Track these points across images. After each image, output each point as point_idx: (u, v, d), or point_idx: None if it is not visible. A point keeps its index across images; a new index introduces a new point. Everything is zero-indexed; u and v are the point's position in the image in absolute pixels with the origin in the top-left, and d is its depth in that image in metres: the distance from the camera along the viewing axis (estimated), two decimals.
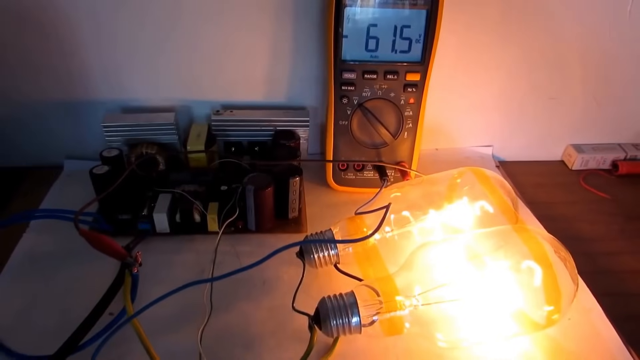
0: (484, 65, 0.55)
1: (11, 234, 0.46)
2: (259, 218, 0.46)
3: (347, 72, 0.47)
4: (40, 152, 0.57)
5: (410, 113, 0.49)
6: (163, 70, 0.52)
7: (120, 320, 0.32)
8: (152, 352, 0.31)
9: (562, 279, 0.35)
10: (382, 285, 0.35)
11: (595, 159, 0.60)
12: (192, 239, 0.46)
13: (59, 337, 0.34)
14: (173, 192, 0.47)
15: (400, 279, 0.36)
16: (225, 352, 0.36)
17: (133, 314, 0.30)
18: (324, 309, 0.34)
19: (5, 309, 0.39)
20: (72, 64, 0.51)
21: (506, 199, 0.41)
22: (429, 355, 0.37)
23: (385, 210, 0.37)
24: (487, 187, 0.42)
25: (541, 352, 0.37)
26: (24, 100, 0.53)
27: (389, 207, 0.37)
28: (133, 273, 0.34)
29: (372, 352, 0.37)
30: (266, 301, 0.41)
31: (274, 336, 0.38)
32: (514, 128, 0.61)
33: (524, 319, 0.36)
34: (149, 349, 0.30)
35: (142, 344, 0.30)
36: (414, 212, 0.43)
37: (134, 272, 0.34)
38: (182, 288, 0.32)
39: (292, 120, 0.53)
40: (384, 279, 0.36)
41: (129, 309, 0.32)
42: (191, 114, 0.55)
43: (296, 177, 0.46)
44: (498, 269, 0.36)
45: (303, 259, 0.41)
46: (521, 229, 0.37)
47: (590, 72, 0.57)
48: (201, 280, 0.35)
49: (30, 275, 0.42)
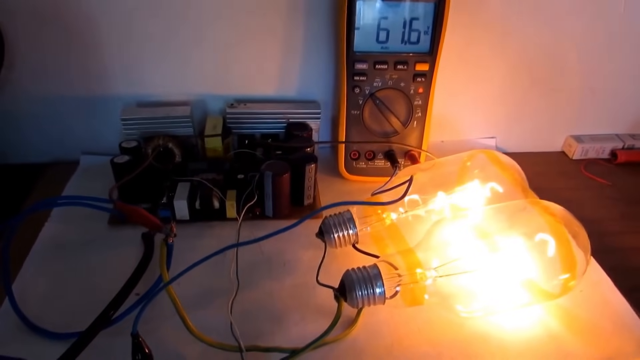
0: (487, 59, 0.58)
1: (33, 224, 0.46)
2: (277, 204, 0.47)
3: (359, 63, 0.49)
4: (56, 148, 0.58)
5: (419, 102, 0.51)
6: (178, 65, 0.54)
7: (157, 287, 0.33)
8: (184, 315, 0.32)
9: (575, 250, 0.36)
10: (403, 257, 0.37)
11: (594, 149, 0.63)
12: (211, 226, 0.48)
13: (86, 317, 0.35)
14: (192, 180, 0.48)
15: (420, 252, 0.38)
16: (254, 326, 0.37)
17: (169, 280, 0.31)
18: (349, 281, 0.36)
19: (32, 292, 0.40)
20: (89, 60, 0.53)
21: (518, 176, 0.43)
22: (449, 325, 0.38)
23: (409, 181, 0.38)
24: (499, 166, 0.44)
25: (556, 321, 0.38)
26: (41, 96, 0.55)
27: (412, 179, 0.39)
28: (168, 243, 0.35)
29: (394, 323, 0.38)
30: (288, 280, 0.42)
31: (298, 311, 0.39)
32: (516, 120, 0.63)
33: (539, 289, 0.37)
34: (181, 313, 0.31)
35: (175, 309, 0.32)
36: (426, 195, 0.45)
37: (169, 242, 0.35)
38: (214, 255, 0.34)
39: (304, 112, 0.55)
40: (405, 251, 0.38)
41: (164, 276, 0.33)
42: (205, 108, 0.57)
43: (312, 164, 0.48)
44: (513, 240, 0.38)
45: (323, 238, 0.42)
46: (535, 202, 0.39)
47: (588, 66, 0.59)
48: (230, 246, 0.36)
49: (54, 261, 0.43)
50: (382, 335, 0.37)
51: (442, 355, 0.35)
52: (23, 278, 0.41)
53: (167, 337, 0.35)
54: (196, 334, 0.32)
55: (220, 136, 0.51)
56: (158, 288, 0.31)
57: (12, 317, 0.37)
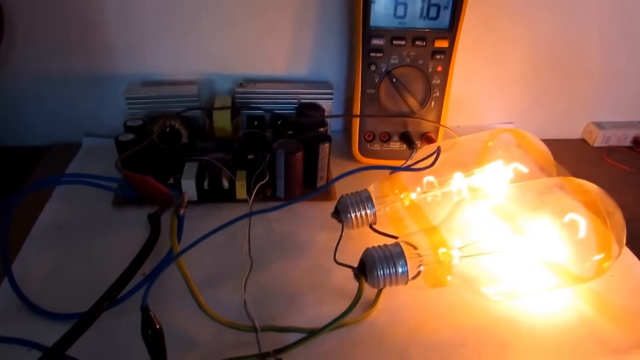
0: (507, 41, 0.55)
1: (34, 203, 0.44)
2: (289, 184, 0.45)
3: (376, 39, 0.47)
4: (57, 130, 0.56)
5: (437, 81, 0.49)
6: (184, 42, 0.52)
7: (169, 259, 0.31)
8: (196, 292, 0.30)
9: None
10: (427, 235, 0.35)
11: (616, 136, 0.60)
12: (220, 207, 0.45)
13: (89, 298, 0.32)
14: (200, 159, 0.46)
15: (443, 231, 0.36)
16: (267, 308, 0.35)
17: (179, 252, 0.29)
18: (369, 259, 0.33)
19: (32, 273, 0.38)
20: (92, 38, 0.51)
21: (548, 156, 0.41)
22: (474, 308, 0.36)
23: (437, 151, 0.36)
24: (526, 146, 0.42)
25: (588, 305, 0.36)
26: (42, 76, 0.53)
27: (440, 149, 0.37)
28: (179, 214, 0.33)
29: (415, 306, 0.36)
30: (302, 262, 0.40)
31: (313, 292, 0.37)
32: (535, 105, 0.61)
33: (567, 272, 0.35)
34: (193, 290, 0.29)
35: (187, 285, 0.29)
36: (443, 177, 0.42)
37: (180, 214, 0.33)
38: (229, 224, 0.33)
39: (316, 92, 0.53)
40: (428, 230, 0.35)
41: (175, 247, 0.31)
42: (213, 88, 0.55)
43: (326, 143, 0.46)
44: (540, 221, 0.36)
45: (339, 218, 0.40)
46: (568, 179, 0.37)
47: (609, 50, 0.57)
48: (243, 216, 0.34)
49: (55, 242, 0.41)
50: (403, 319, 0.35)
51: (468, 340, 0.33)
52: (23, 259, 0.39)
53: (177, 318, 0.33)
54: (208, 312, 0.30)
55: (229, 109, 0.48)
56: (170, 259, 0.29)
57: (12, 298, 0.35)
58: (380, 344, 0.33)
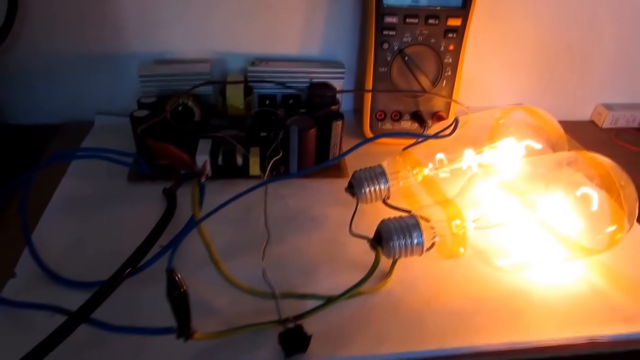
0: (518, 21, 0.55)
1: (50, 178, 0.45)
2: (302, 161, 0.46)
3: (389, 16, 0.47)
4: (69, 108, 0.56)
5: (449, 60, 0.49)
6: (196, 21, 0.52)
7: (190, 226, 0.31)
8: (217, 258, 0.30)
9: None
10: (442, 207, 0.35)
11: (625, 117, 0.61)
12: (234, 183, 0.46)
13: (107, 268, 0.32)
14: (214, 136, 0.46)
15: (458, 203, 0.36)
16: (285, 278, 0.35)
17: (201, 217, 0.30)
18: (385, 230, 0.34)
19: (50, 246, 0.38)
20: (107, 16, 0.51)
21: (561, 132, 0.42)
22: (487, 280, 0.36)
23: (455, 121, 0.36)
24: (539, 121, 0.42)
25: (599, 277, 0.37)
26: (54, 53, 0.53)
27: (458, 120, 0.37)
28: (201, 182, 0.33)
29: (429, 278, 0.36)
30: (317, 235, 0.40)
31: (328, 265, 0.37)
32: (545, 87, 0.61)
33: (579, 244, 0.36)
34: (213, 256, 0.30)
35: (207, 252, 0.30)
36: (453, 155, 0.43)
37: (201, 182, 0.34)
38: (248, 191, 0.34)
39: (327, 71, 0.53)
40: (442, 202, 0.36)
41: (196, 213, 0.31)
42: (225, 67, 0.55)
43: (339, 120, 0.46)
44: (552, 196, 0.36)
45: (353, 192, 0.40)
46: (582, 154, 0.37)
47: (621, 31, 0.57)
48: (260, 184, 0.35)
49: (72, 216, 0.42)
50: (418, 290, 0.35)
51: (484, 308, 0.34)
52: (40, 232, 0.39)
53: (195, 287, 0.33)
54: (229, 278, 0.31)
55: (242, 84, 0.49)
56: (192, 225, 0.30)
57: (33, 266, 0.36)
58: (397, 312, 0.33)
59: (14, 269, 0.36)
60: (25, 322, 0.32)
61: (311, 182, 0.47)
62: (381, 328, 0.32)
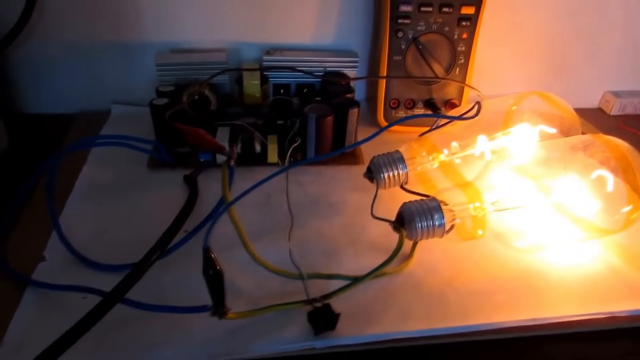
0: (528, 10, 0.56)
1: (71, 166, 0.46)
2: (319, 148, 0.47)
3: (404, 5, 0.48)
4: (85, 98, 0.57)
5: (463, 48, 0.50)
6: (212, 11, 0.53)
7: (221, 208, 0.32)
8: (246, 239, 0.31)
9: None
10: (463, 190, 0.36)
11: (632, 104, 0.62)
12: (252, 170, 0.46)
13: (133, 253, 0.33)
14: (232, 124, 0.47)
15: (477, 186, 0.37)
16: (309, 260, 0.36)
17: (231, 201, 0.31)
18: (407, 213, 0.35)
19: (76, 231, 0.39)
20: (123, 6, 0.51)
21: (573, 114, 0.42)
22: (505, 261, 0.37)
23: (478, 104, 0.37)
24: (555, 106, 0.43)
25: (615, 257, 0.38)
26: (71, 43, 0.53)
27: (480, 104, 0.38)
28: (230, 165, 0.34)
29: (449, 259, 0.37)
30: (337, 220, 0.41)
31: (350, 247, 0.38)
32: (553, 75, 0.62)
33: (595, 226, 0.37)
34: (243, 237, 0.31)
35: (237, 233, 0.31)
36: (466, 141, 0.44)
37: (231, 164, 0.34)
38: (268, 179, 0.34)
39: (341, 60, 0.54)
40: (462, 185, 0.37)
41: (227, 196, 0.32)
42: (240, 57, 0.56)
43: (355, 108, 0.47)
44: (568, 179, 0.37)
45: (372, 177, 0.41)
46: (598, 137, 0.38)
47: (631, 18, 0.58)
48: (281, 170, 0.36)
49: (95, 203, 0.42)
50: (439, 271, 0.36)
51: (504, 287, 0.35)
52: (65, 218, 0.40)
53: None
54: (258, 259, 0.32)
55: (258, 71, 0.49)
56: (222, 208, 0.31)
57: (61, 250, 0.36)
58: (419, 291, 0.34)
59: (43, 253, 0.36)
60: (60, 303, 0.32)
61: (327, 169, 0.47)
62: (405, 307, 0.33)
